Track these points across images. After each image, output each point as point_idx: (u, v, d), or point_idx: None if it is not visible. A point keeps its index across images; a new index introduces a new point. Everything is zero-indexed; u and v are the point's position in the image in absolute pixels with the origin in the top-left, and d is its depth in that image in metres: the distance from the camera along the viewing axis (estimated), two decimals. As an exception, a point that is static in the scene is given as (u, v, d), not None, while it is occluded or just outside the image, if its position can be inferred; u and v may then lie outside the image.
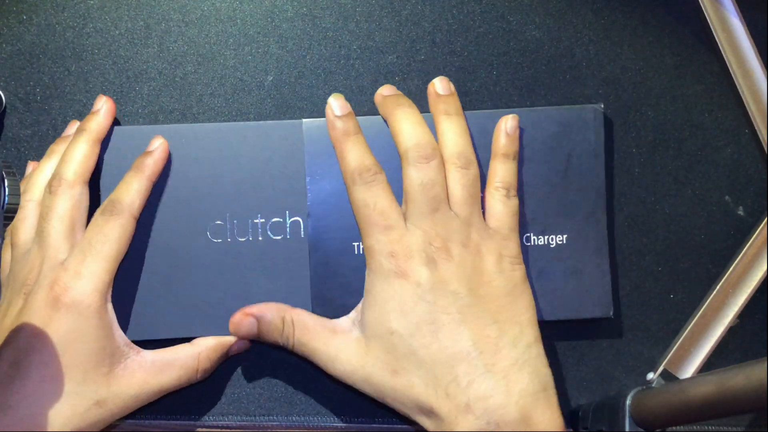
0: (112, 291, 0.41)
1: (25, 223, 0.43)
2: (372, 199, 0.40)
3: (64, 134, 0.45)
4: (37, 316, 0.39)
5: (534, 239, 0.44)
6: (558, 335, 0.47)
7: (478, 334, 0.38)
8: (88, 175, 0.42)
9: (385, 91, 0.44)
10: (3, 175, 0.43)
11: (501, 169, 0.42)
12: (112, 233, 0.40)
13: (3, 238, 0.46)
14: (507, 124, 0.43)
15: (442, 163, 0.41)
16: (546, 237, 0.44)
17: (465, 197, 0.41)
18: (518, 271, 0.41)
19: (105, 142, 0.44)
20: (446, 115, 0.42)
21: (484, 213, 0.42)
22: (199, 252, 0.43)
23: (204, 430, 0.46)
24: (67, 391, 0.38)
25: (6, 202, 0.43)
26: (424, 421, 0.38)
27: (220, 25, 0.47)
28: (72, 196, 0.41)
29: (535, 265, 0.44)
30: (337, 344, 0.40)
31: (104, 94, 0.46)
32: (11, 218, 0.44)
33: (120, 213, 0.41)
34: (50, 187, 0.42)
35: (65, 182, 0.41)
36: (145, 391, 0.40)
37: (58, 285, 0.39)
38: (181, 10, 0.47)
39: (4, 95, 0.47)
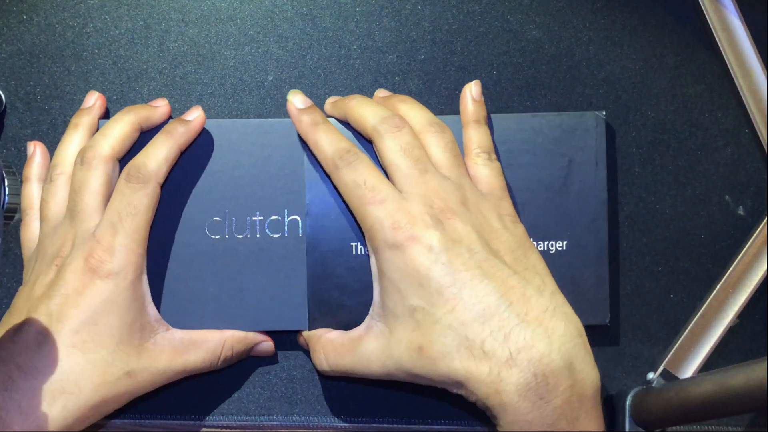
0: None
1: (56, 197, 0.42)
2: (360, 177, 0.39)
3: (83, 106, 0.45)
4: (71, 286, 0.38)
5: (534, 245, 0.44)
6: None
7: (502, 285, 0.37)
8: (123, 154, 0.42)
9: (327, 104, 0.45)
10: (3, 175, 0.43)
11: (475, 135, 0.42)
12: (140, 204, 0.40)
13: (3, 238, 0.46)
14: (472, 91, 0.43)
15: (415, 132, 0.41)
16: (546, 243, 0.44)
17: (450, 159, 0.40)
18: (520, 228, 0.40)
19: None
20: (401, 102, 0.43)
21: None
22: (196, 248, 0.43)
23: (204, 430, 0.46)
24: (98, 359, 0.38)
25: (6, 202, 0.43)
26: (464, 392, 0.37)
27: (220, 25, 0.47)
28: (106, 172, 0.41)
29: None
30: (364, 347, 0.39)
31: (104, 94, 0.46)
32: (11, 218, 0.44)
33: (147, 181, 0.40)
34: (82, 160, 0.41)
35: (100, 156, 0.41)
36: (171, 367, 0.41)
37: (93, 258, 0.39)
38: (181, 10, 0.47)
39: (4, 95, 0.47)
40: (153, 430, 0.46)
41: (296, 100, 0.42)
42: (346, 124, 0.44)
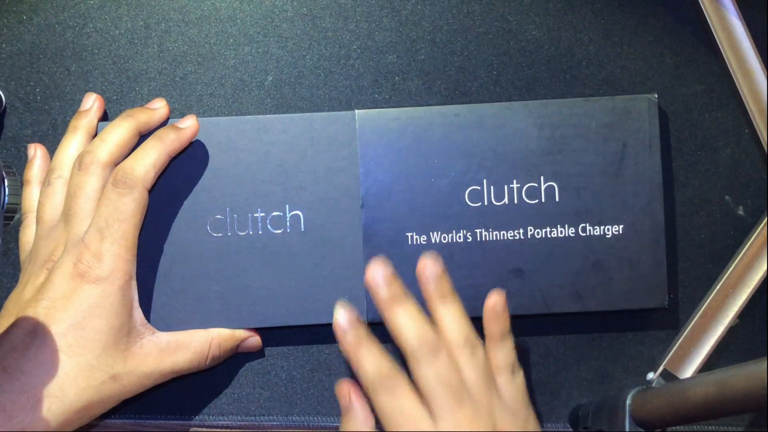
0: None
1: (52, 200, 0.42)
2: (398, 406, 0.38)
3: (81, 108, 0.45)
4: (59, 290, 0.39)
5: (590, 230, 0.44)
6: (558, 335, 0.47)
7: None
8: (121, 159, 0.42)
9: (383, 291, 0.40)
10: (3, 175, 0.43)
11: (500, 352, 0.41)
12: (127, 209, 0.40)
13: (3, 238, 0.46)
14: (495, 306, 0.42)
15: (450, 352, 0.40)
16: (602, 228, 0.44)
17: (482, 381, 0.39)
18: None
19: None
20: (441, 299, 0.40)
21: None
22: (199, 246, 0.44)
23: (204, 430, 0.46)
24: (83, 363, 0.38)
25: (6, 202, 0.43)
26: None
27: (220, 25, 0.47)
28: (102, 177, 0.41)
29: (590, 256, 0.44)
30: None
31: (104, 94, 0.46)
32: (11, 218, 0.44)
33: (133, 186, 0.40)
34: (80, 164, 0.41)
35: (98, 162, 0.41)
36: (158, 369, 0.41)
37: (82, 263, 0.39)
38: (181, 10, 0.47)
39: (4, 95, 0.47)
40: (153, 430, 0.46)
41: (340, 316, 0.40)
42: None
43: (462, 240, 0.44)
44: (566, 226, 0.44)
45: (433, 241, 0.44)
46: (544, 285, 0.44)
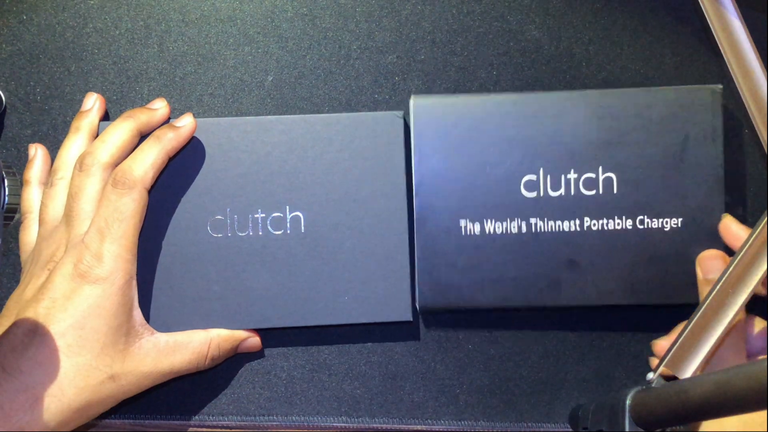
0: None
1: (55, 201, 0.43)
2: None
3: (83, 109, 0.45)
4: (59, 290, 0.39)
5: (648, 222, 0.44)
6: (559, 335, 0.47)
7: None
8: (121, 160, 0.42)
9: None
10: (3, 175, 0.43)
11: None
12: (126, 210, 0.40)
13: (3, 239, 0.46)
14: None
15: None
16: (660, 220, 0.44)
17: None
18: None
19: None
20: None
21: None
22: (199, 247, 0.44)
23: (204, 430, 0.46)
24: (82, 362, 0.38)
25: (6, 202, 0.43)
26: None
27: (220, 25, 0.47)
28: (103, 178, 0.41)
29: (647, 249, 0.44)
30: None
31: (104, 94, 0.46)
32: (11, 218, 0.44)
33: (133, 186, 0.40)
34: (81, 166, 0.41)
35: (99, 163, 0.41)
36: (157, 370, 0.41)
37: (82, 263, 0.39)
38: (181, 10, 0.47)
39: (4, 95, 0.47)
40: (153, 430, 0.46)
41: None
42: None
43: (516, 230, 0.44)
44: (623, 218, 0.44)
45: (486, 231, 0.44)
46: (598, 277, 0.44)
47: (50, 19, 0.47)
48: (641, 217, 0.44)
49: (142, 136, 0.43)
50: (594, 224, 0.44)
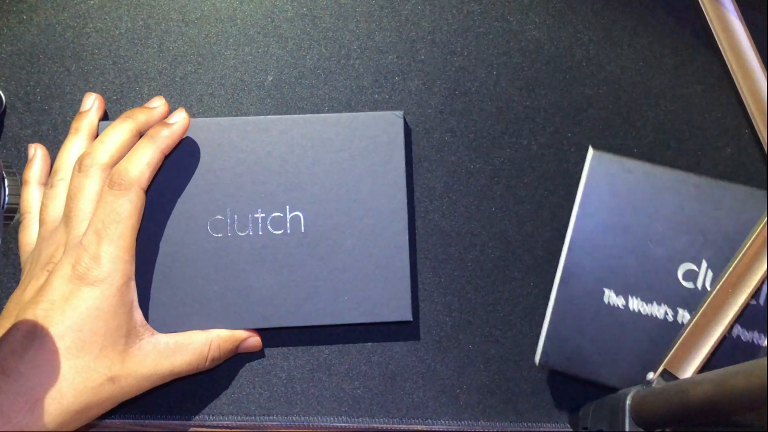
0: None
1: (55, 202, 0.43)
2: None
3: (82, 109, 0.45)
4: (58, 292, 0.39)
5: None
6: (558, 335, 0.47)
7: None
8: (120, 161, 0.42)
9: None
10: (3, 175, 0.43)
11: None
12: (123, 211, 0.40)
13: (3, 239, 0.46)
14: None
15: None
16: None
17: None
18: None
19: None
20: None
21: None
22: (199, 247, 0.44)
23: (204, 430, 0.46)
24: (81, 364, 0.38)
25: (6, 202, 0.43)
26: None
27: (220, 25, 0.47)
28: (102, 179, 0.41)
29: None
30: None
31: (104, 94, 0.46)
32: (11, 218, 0.44)
33: (129, 187, 0.40)
34: (80, 167, 0.41)
35: (98, 164, 0.41)
36: (157, 371, 0.41)
37: (80, 265, 0.39)
38: (181, 10, 0.47)
39: (4, 95, 0.47)
40: (153, 430, 0.46)
41: None
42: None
43: (662, 316, 0.42)
44: None
45: (630, 307, 0.42)
46: None
47: (50, 19, 0.47)
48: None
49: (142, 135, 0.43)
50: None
